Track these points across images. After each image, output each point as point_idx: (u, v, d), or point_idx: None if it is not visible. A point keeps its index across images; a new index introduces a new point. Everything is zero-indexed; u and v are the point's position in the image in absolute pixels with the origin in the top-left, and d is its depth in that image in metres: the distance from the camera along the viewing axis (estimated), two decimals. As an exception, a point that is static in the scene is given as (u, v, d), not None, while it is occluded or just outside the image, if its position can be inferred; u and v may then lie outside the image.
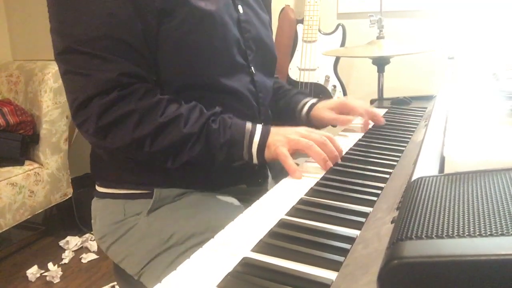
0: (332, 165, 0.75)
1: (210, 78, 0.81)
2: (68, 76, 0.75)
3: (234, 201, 0.84)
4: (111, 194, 0.85)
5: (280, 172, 1.04)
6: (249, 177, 0.92)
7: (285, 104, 1.08)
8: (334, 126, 1.09)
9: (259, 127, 0.79)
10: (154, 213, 0.81)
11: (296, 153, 0.78)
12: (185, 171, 0.82)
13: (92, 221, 0.89)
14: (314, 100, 1.07)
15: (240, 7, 0.88)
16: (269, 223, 0.55)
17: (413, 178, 0.44)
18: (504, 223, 0.29)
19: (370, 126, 1.03)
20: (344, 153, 0.82)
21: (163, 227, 0.78)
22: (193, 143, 0.75)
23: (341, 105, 1.04)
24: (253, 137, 0.77)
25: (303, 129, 0.79)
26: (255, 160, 0.78)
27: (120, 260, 0.83)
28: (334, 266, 0.44)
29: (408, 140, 0.88)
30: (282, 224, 0.55)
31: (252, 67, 0.89)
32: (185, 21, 0.76)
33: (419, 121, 1.03)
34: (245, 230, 0.55)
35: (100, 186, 0.87)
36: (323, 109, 1.03)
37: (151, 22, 0.74)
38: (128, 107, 0.72)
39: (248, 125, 0.78)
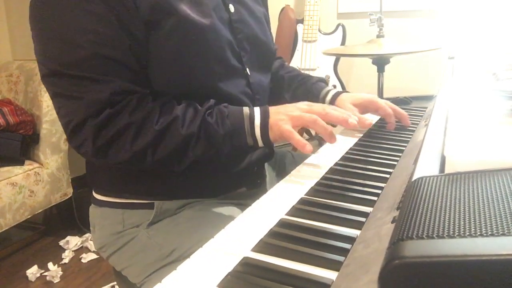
0: (336, 139, 0.73)
1: (205, 85, 0.79)
2: (58, 99, 0.72)
3: (236, 212, 0.83)
4: (108, 203, 0.84)
5: (277, 171, 1.04)
6: (248, 179, 0.90)
7: (305, 91, 1.02)
8: (334, 126, 1.08)
9: (257, 110, 0.76)
10: (155, 226, 0.80)
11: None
12: (184, 180, 0.81)
13: (91, 229, 0.88)
14: (337, 90, 1.02)
15: (231, 6, 0.85)
16: (269, 223, 0.55)
17: (414, 177, 0.44)
18: (505, 223, 0.29)
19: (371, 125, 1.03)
20: (344, 153, 0.82)
21: (164, 242, 0.77)
22: (195, 142, 0.73)
23: (367, 102, 0.97)
24: (254, 120, 0.75)
25: (303, 104, 0.78)
26: (260, 143, 0.76)
27: (121, 269, 0.83)
28: (335, 266, 0.44)
29: (409, 140, 0.88)
30: (282, 224, 0.55)
31: (247, 69, 0.87)
32: (174, 32, 0.73)
33: (419, 121, 1.03)
34: (245, 230, 0.55)
35: (97, 193, 0.86)
36: (346, 101, 0.97)
37: (139, 34, 0.71)
38: (122, 122, 0.70)
39: (246, 109, 0.76)
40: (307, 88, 1.03)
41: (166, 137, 0.72)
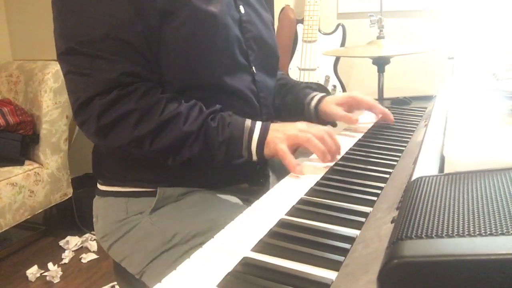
0: (331, 160, 0.75)
1: (212, 78, 0.81)
2: (70, 76, 0.75)
3: (237, 201, 0.85)
4: (113, 192, 0.85)
5: (281, 171, 1.04)
6: (251, 176, 0.92)
7: (293, 98, 1.06)
8: (334, 126, 1.09)
9: (258, 124, 0.79)
10: (157, 212, 0.81)
11: (296, 152, 0.78)
12: (188, 170, 0.82)
13: (94, 219, 0.89)
14: (322, 94, 1.05)
15: (241, 7, 0.88)
16: (269, 223, 0.55)
17: (413, 177, 0.44)
18: (504, 223, 0.29)
19: (370, 125, 1.03)
20: (344, 153, 0.82)
21: (166, 227, 0.78)
22: (193, 141, 0.75)
23: (349, 99, 1.02)
24: (252, 134, 0.78)
25: (302, 124, 0.80)
26: (254, 157, 0.78)
27: (122, 259, 0.83)
28: (334, 266, 0.44)
29: (408, 140, 0.88)
30: (282, 224, 0.55)
31: (253, 67, 0.89)
32: (187, 22, 0.76)
33: (419, 121, 1.03)
34: (245, 230, 0.55)
35: (102, 184, 0.87)
36: (330, 103, 1.01)
37: (153, 22, 0.74)
38: (128, 106, 0.73)
39: (247, 122, 0.79)
40: (294, 95, 1.06)
41: (167, 129, 0.74)
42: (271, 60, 0.97)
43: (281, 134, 0.77)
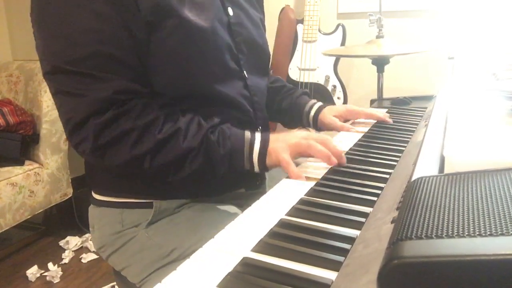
0: (337, 162, 0.75)
1: (203, 87, 0.79)
2: (60, 96, 0.72)
3: (235, 210, 0.83)
4: (107, 202, 0.84)
5: (276, 173, 1.04)
6: (247, 180, 0.91)
7: (290, 104, 1.08)
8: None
9: (258, 135, 0.77)
10: (154, 225, 0.80)
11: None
12: (183, 179, 0.80)
13: (91, 229, 0.88)
14: (320, 103, 1.09)
15: (230, 10, 0.86)
16: (269, 223, 0.55)
17: (413, 178, 0.44)
18: (504, 223, 0.29)
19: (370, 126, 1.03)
20: (344, 153, 0.82)
21: (163, 242, 0.77)
22: (193, 157, 0.74)
23: (347, 112, 1.08)
24: (253, 145, 0.76)
25: (302, 133, 0.79)
26: (256, 169, 0.77)
27: (121, 269, 0.83)
28: (334, 266, 0.44)
29: (408, 140, 0.88)
30: (282, 224, 0.55)
31: (244, 71, 0.87)
32: (174, 33, 0.74)
33: (419, 121, 1.03)
34: (245, 230, 0.55)
35: (96, 193, 0.86)
36: (329, 114, 1.06)
37: (140, 34, 0.71)
38: (125, 125, 0.70)
39: (247, 134, 0.77)
40: (292, 102, 1.08)
41: (166, 147, 0.72)
42: (262, 60, 0.96)
43: (283, 144, 0.76)
